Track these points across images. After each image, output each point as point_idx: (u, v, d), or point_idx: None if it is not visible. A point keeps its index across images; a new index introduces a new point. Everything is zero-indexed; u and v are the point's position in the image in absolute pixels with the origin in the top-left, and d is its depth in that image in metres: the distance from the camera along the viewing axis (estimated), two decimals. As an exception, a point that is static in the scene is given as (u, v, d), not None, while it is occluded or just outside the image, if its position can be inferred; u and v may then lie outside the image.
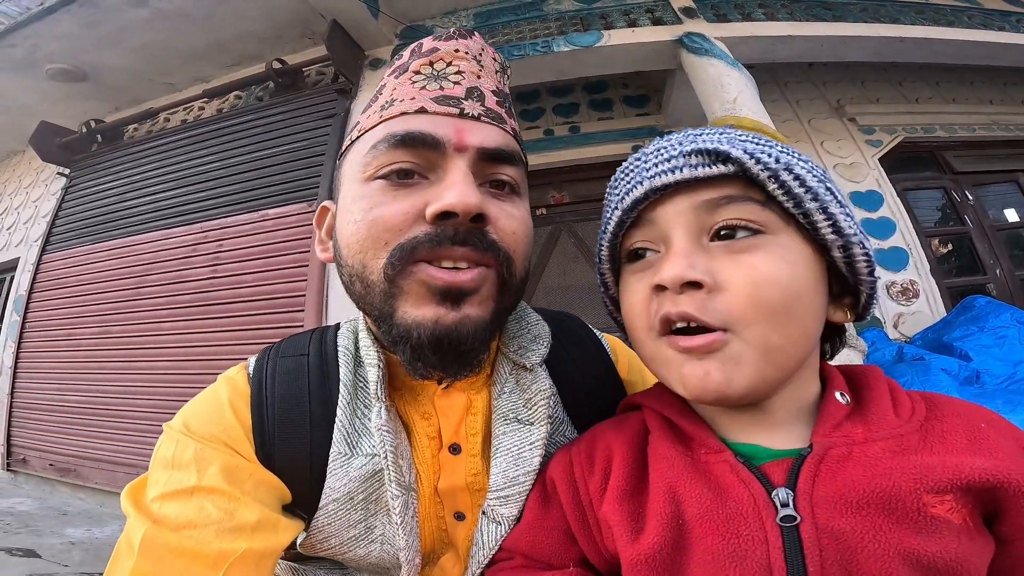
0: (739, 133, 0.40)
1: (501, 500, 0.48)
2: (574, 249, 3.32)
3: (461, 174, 0.43)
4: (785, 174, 0.36)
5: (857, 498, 0.32)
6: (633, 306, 0.41)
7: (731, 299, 0.34)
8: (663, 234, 0.39)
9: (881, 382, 0.39)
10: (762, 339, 0.34)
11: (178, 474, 0.42)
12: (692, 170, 0.37)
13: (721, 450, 0.38)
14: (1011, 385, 1.90)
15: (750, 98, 2.36)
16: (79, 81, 3.24)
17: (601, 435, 0.47)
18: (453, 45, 0.48)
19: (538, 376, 0.52)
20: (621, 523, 0.39)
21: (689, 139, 0.39)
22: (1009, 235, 3.24)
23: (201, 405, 0.49)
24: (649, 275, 0.39)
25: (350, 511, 0.48)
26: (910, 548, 0.30)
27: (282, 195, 2.70)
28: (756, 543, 0.33)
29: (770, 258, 0.35)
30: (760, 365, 0.35)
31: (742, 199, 0.36)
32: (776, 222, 0.36)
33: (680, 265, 0.36)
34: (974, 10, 3.03)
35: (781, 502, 0.34)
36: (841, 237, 0.36)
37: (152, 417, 2.69)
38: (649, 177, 0.39)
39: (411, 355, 0.43)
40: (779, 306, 0.34)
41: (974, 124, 3.39)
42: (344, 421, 0.48)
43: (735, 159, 0.36)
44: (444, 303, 0.42)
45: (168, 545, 0.38)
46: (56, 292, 3.31)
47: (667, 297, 0.37)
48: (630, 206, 0.40)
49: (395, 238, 0.42)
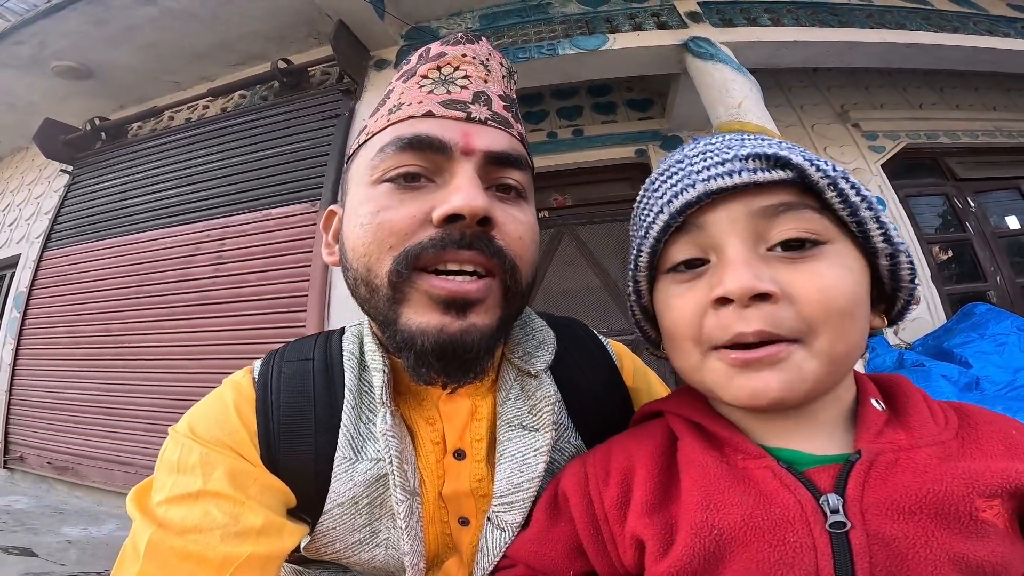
0: (786, 143, 0.39)
1: (505, 506, 0.48)
2: (576, 252, 3.35)
3: (468, 177, 0.43)
4: (843, 182, 0.36)
5: (909, 504, 0.32)
6: (681, 317, 0.39)
7: (804, 308, 0.34)
8: (715, 242, 0.37)
9: (916, 391, 0.40)
10: (829, 347, 0.34)
11: (183, 478, 0.43)
12: (751, 174, 0.36)
13: (761, 455, 0.37)
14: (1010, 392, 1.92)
15: (755, 103, 2.40)
16: (85, 79, 3.29)
17: (618, 446, 0.46)
18: (460, 50, 0.49)
19: (543, 382, 0.52)
20: (653, 536, 0.38)
21: (739, 144, 0.39)
22: (1010, 242, 3.29)
23: (206, 409, 0.49)
24: (699, 286, 0.38)
25: (355, 515, 0.48)
26: (961, 553, 0.31)
27: (285, 195, 2.73)
28: (804, 550, 0.33)
29: (833, 266, 0.35)
30: (821, 373, 0.35)
31: (800, 206, 0.36)
32: (832, 230, 0.36)
33: (746, 276, 0.34)
34: (980, 16, 3.07)
35: (831, 508, 0.33)
36: (891, 246, 0.37)
37: (151, 416, 2.71)
38: (703, 180, 0.37)
39: (415, 361, 0.44)
40: (847, 313, 0.34)
41: (977, 130, 3.43)
42: (349, 426, 0.49)
43: (795, 165, 0.35)
44: (449, 312, 0.43)
45: (173, 549, 0.39)
46: (57, 289, 3.34)
47: (731, 312, 0.35)
48: (679, 209, 0.38)
49: (401, 243, 0.43)
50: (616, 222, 3.36)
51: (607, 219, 3.39)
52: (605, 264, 3.30)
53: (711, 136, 0.43)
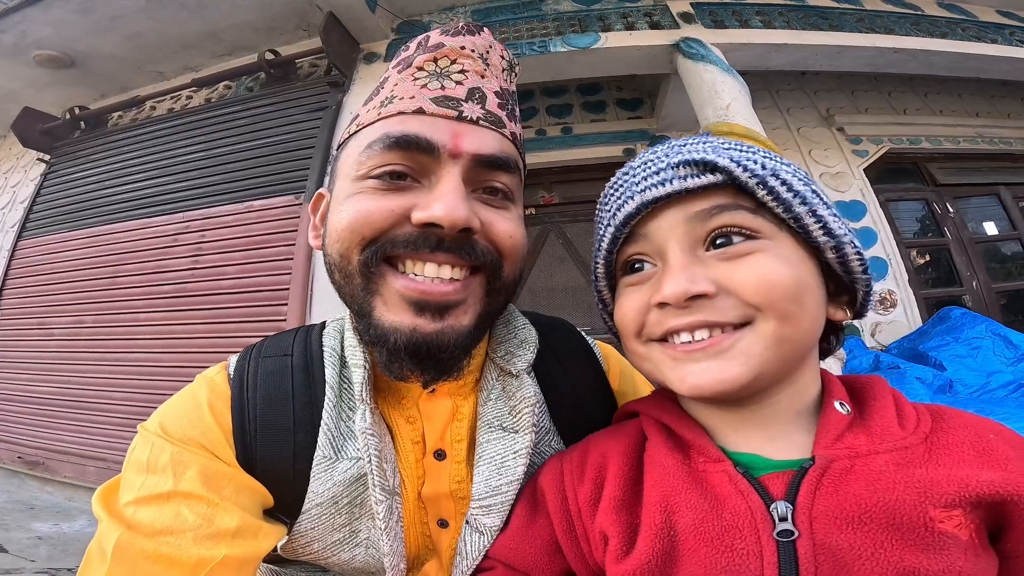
0: (723, 141, 0.42)
1: (484, 509, 0.49)
2: (562, 250, 3.44)
3: (452, 185, 0.44)
4: (772, 180, 0.38)
5: (859, 513, 0.33)
6: (625, 315, 0.42)
7: (744, 296, 0.36)
8: (658, 248, 0.40)
9: (885, 393, 0.40)
10: (776, 332, 0.36)
11: (153, 478, 0.43)
12: (681, 182, 0.38)
13: (720, 459, 0.39)
14: (983, 395, 2.02)
15: (743, 105, 2.49)
16: (67, 68, 3.34)
17: (595, 444, 0.48)
18: (460, 41, 0.48)
19: (524, 383, 0.53)
20: (616, 535, 0.40)
21: (675, 150, 0.41)
22: (987, 248, 3.44)
23: (178, 406, 0.49)
24: (646, 288, 0.41)
25: (334, 515, 0.48)
26: (911, 566, 0.31)
27: (269, 187, 2.78)
28: (750, 557, 0.34)
29: (768, 258, 0.37)
30: (769, 357, 0.36)
31: (733, 207, 0.38)
32: (769, 227, 0.38)
33: (681, 281, 0.37)
34: (968, 22, 3.20)
35: (779, 516, 0.34)
36: (832, 238, 0.39)
37: (126, 411, 2.75)
38: (639, 191, 0.40)
39: (387, 357, 0.45)
40: (790, 297, 0.36)
41: (959, 136, 3.58)
42: (330, 424, 0.49)
43: (723, 168, 0.38)
44: (423, 314, 0.44)
45: (144, 552, 0.39)
46: (31, 279, 3.37)
47: (670, 312, 0.38)
48: (622, 221, 0.41)
49: (375, 235, 0.44)
50: (603, 221, 3.45)
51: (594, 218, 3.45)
52: (590, 262, 3.35)
53: (659, 144, 0.45)
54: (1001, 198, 3.53)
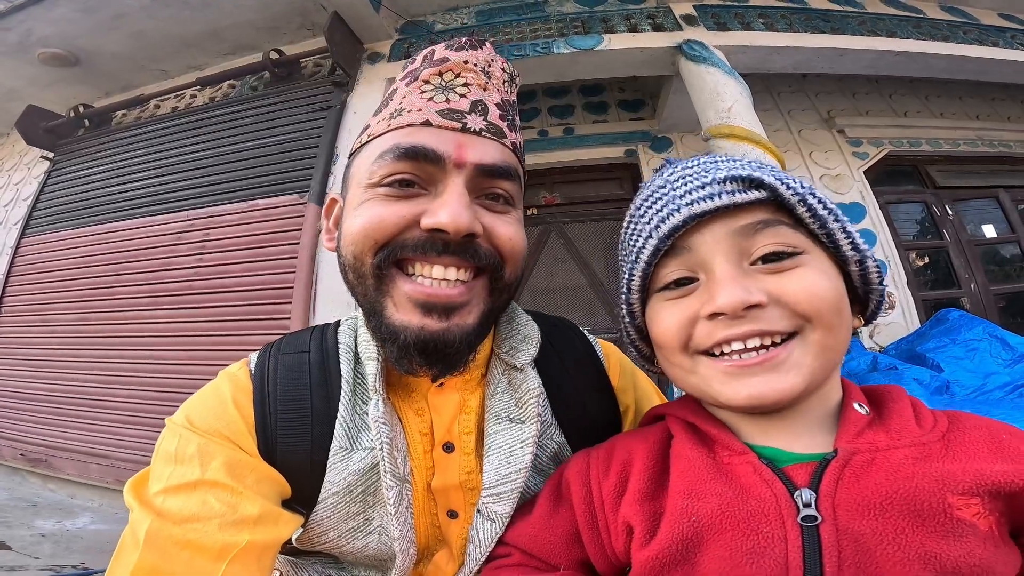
0: (757, 162, 0.45)
1: (495, 497, 0.52)
2: (563, 250, 3.49)
3: (457, 193, 0.47)
4: (811, 198, 0.41)
5: (880, 501, 0.35)
6: (670, 329, 0.43)
7: (795, 307, 0.38)
8: (702, 261, 0.42)
9: (904, 398, 0.43)
10: (821, 341, 0.39)
11: (181, 468, 0.46)
12: (730, 196, 0.40)
13: (744, 452, 0.41)
14: (979, 396, 2.06)
15: (745, 108, 2.52)
16: (70, 66, 3.37)
17: (622, 443, 0.51)
18: (463, 56, 0.52)
19: (528, 375, 0.56)
20: (641, 523, 0.42)
21: (716, 167, 0.43)
22: (986, 250, 3.48)
23: (203, 400, 0.52)
24: (690, 301, 0.42)
25: (349, 504, 0.51)
26: (932, 551, 0.32)
27: (273, 186, 2.81)
28: (775, 541, 0.36)
29: (812, 271, 0.40)
30: (815, 365, 0.39)
31: (775, 223, 0.41)
32: (806, 242, 0.41)
33: (737, 291, 0.38)
34: (970, 25, 3.24)
35: (803, 502, 0.36)
36: (858, 253, 0.42)
37: (128, 409, 2.77)
38: (686, 204, 0.41)
39: (397, 353, 0.49)
40: (835, 309, 0.39)
41: (959, 139, 3.62)
42: (346, 416, 0.52)
43: (768, 185, 0.40)
44: (430, 315, 0.47)
45: (172, 538, 0.41)
46: (34, 277, 3.40)
47: (722, 323, 0.40)
48: (666, 234, 0.42)
49: (387, 239, 0.47)
50: (604, 221, 3.50)
51: (595, 218, 3.53)
52: (591, 262, 3.44)
53: (688, 159, 0.48)
54: (1000, 201, 3.56)
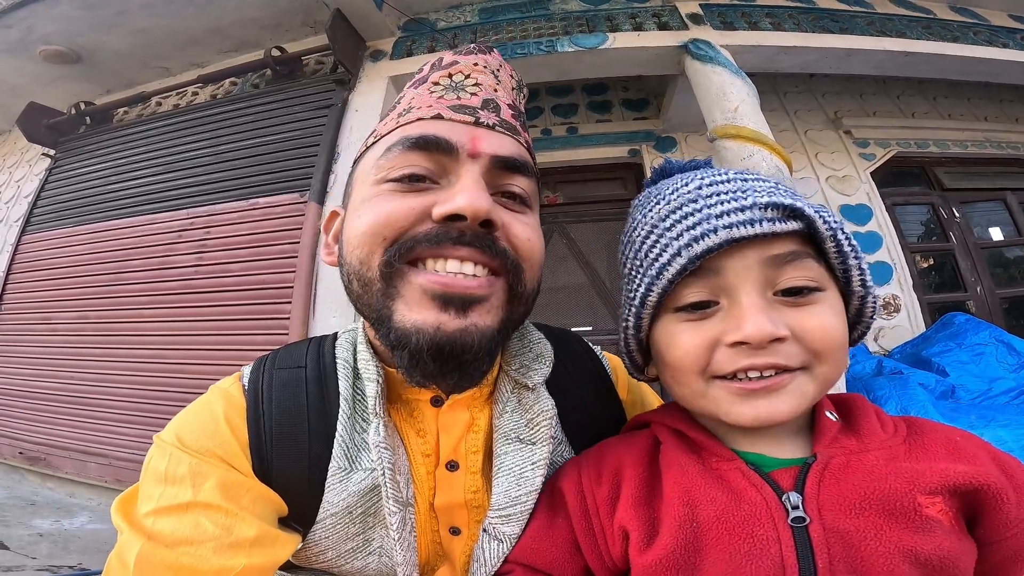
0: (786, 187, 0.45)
1: (503, 518, 0.50)
2: (565, 250, 3.48)
3: (472, 179, 0.45)
4: (841, 234, 0.41)
5: (859, 500, 0.38)
6: (688, 353, 0.43)
7: (810, 344, 0.40)
8: (727, 286, 0.41)
9: (868, 406, 0.46)
10: (826, 374, 0.41)
11: (172, 489, 0.44)
12: (771, 224, 0.40)
13: (732, 458, 0.44)
14: (984, 401, 2.05)
15: (751, 108, 2.50)
16: (72, 63, 3.38)
17: (609, 450, 0.51)
18: (473, 59, 0.52)
19: (540, 396, 0.54)
20: (637, 528, 0.43)
21: (755, 190, 0.43)
22: (992, 253, 3.46)
23: (194, 417, 0.50)
24: (708, 326, 0.42)
25: (348, 525, 0.49)
26: (908, 545, 0.35)
27: (274, 184, 2.81)
28: (771, 542, 0.38)
29: (829, 311, 0.41)
30: (815, 395, 0.42)
31: (803, 255, 0.41)
32: (825, 277, 0.42)
33: (766, 324, 0.39)
34: (980, 26, 3.21)
35: (792, 505, 0.39)
36: (865, 289, 0.44)
37: (128, 407, 2.78)
38: (724, 226, 0.40)
39: (409, 361, 0.44)
40: (841, 347, 0.42)
41: (967, 141, 3.59)
42: (344, 435, 0.50)
43: (807, 217, 0.40)
44: (447, 309, 0.43)
45: (164, 562, 0.40)
46: (34, 274, 3.41)
47: (744, 351, 0.40)
48: (699, 255, 0.41)
49: (395, 235, 0.44)
50: (606, 221, 3.49)
51: (598, 218, 3.52)
52: (593, 263, 3.43)
53: (716, 172, 0.47)
54: (1007, 203, 3.54)
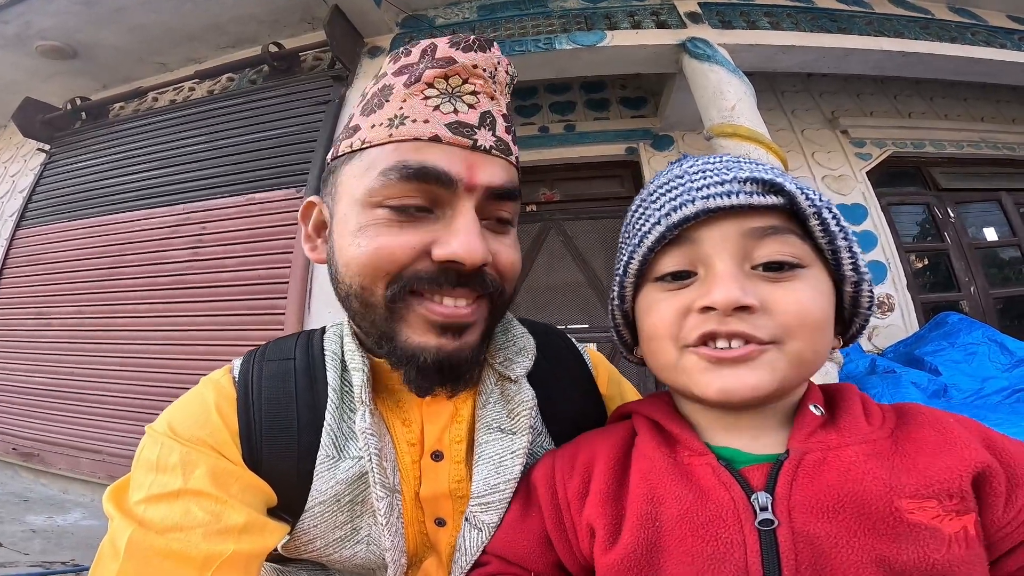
0: (779, 169, 0.45)
1: (482, 507, 0.52)
2: (562, 248, 3.49)
3: (469, 221, 0.47)
4: (826, 212, 0.40)
5: (832, 503, 0.35)
6: (663, 319, 0.43)
7: (781, 318, 0.39)
8: (704, 256, 0.41)
9: (854, 395, 0.44)
10: (799, 352, 0.39)
11: (163, 477, 0.45)
12: (748, 197, 0.40)
13: (704, 453, 0.42)
14: (977, 400, 2.07)
15: (748, 107, 2.51)
16: (69, 59, 3.39)
17: (586, 442, 0.51)
18: (471, 59, 0.49)
19: (522, 387, 0.56)
20: (603, 525, 0.42)
21: (737, 167, 0.43)
22: (986, 253, 3.48)
23: (185, 408, 0.51)
24: (685, 295, 0.42)
25: (336, 513, 0.51)
26: (884, 554, 0.33)
27: (270, 179, 2.82)
28: (734, 546, 0.36)
29: (808, 288, 0.40)
30: (788, 373, 0.39)
31: (785, 230, 0.40)
32: (810, 255, 0.41)
33: (733, 290, 0.38)
34: (978, 27, 3.22)
35: (760, 506, 0.37)
36: (857, 274, 0.42)
37: (122, 403, 2.79)
38: (702, 197, 0.41)
39: (417, 375, 0.49)
40: (818, 327, 0.40)
41: (963, 141, 3.61)
42: (332, 424, 0.51)
43: (787, 192, 0.40)
44: (445, 335, 0.48)
45: (154, 548, 0.41)
46: (28, 269, 3.42)
47: (712, 318, 0.40)
48: (676, 223, 0.41)
49: (398, 270, 0.47)
50: (603, 219, 3.51)
51: (594, 216, 3.54)
52: (590, 260, 3.44)
53: (709, 156, 0.48)
54: (1002, 204, 3.56)
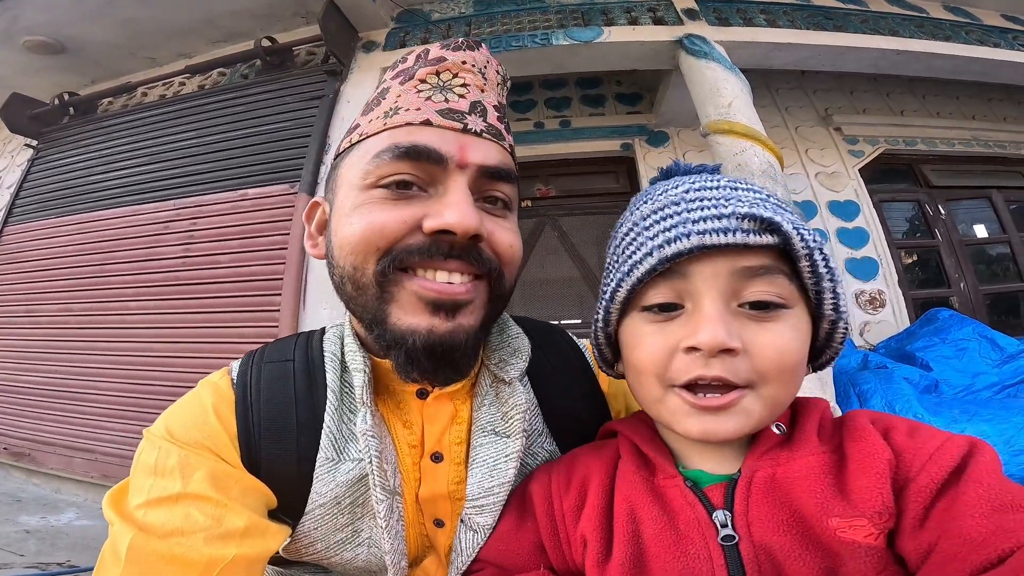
0: (776, 200, 0.44)
1: (477, 509, 0.52)
2: (556, 243, 3.52)
3: (461, 193, 0.47)
4: (817, 255, 0.40)
5: (784, 519, 0.38)
6: (651, 356, 0.43)
7: (758, 363, 0.39)
8: (693, 291, 0.41)
9: (813, 411, 0.44)
10: (773, 395, 0.40)
11: (162, 481, 0.45)
12: (744, 235, 0.39)
13: (675, 475, 0.44)
14: (967, 395, 2.11)
15: (744, 104, 2.52)
16: (57, 54, 3.34)
17: (581, 458, 0.52)
18: (461, 56, 0.51)
19: (516, 390, 0.55)
20: (595, 540, 0.44)
21: (737, 198, 0.42)
22: (976, 250, 3.55)
23: (183, 411, 0.51)
24: (671, 329, 0.42)
25: (337, 515, 0.51)
26: (827, 567, 0.35)
27: (263, 175, 2.80)
28: (702, 560, 0.39)
29: (789, 329, 0.40)
30: (763, 415, 0.40)
31: (775, 270, 0.40)
32: (795, 295, 0.41)
33: (720, 333, 0.38)
34: (973, 26, 3.26)
35: (720, 523, 0.39)
36: (837, 314, 0.42)
37: (114, 402, 2.77)
38: (698, 232, 0.40)
39: (405, 360, 0.48)
40: (793, 370, 0.40)
41: (955, 139, 3.67)
42: (332, 427, 0.51)
43: (784, 233, 0.39)
44: (438, 314, 0.47)
45: (156, 552, 0.41)
46: (17, 266, 3.38)
47: (698, 359, 0.40)
48: (670, 256, 0.40)
49: (389, 245, 0.46)
50: (598, 214, 3.53)
51: (589, 211, 3.57)
52: (585, 255, 3.47)
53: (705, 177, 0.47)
54: (992, 201, 3.62)
